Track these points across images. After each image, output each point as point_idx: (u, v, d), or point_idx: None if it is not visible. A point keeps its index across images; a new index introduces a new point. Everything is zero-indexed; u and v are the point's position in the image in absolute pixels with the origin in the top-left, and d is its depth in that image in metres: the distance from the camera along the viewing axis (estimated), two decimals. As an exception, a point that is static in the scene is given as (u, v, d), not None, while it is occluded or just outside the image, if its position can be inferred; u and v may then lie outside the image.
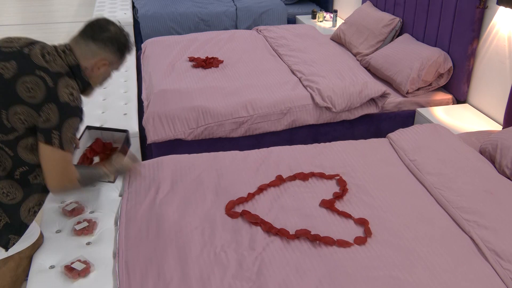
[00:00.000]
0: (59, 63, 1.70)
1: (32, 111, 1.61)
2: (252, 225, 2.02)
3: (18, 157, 1.68)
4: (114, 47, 1.79)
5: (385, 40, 3.86)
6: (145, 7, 5.31)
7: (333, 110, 3.10)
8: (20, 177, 1.72)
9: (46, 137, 1.63)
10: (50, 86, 1.62)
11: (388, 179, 2.34)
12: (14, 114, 1.60)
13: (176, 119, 2.92)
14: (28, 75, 1.61)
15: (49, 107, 1.61)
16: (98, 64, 1.79)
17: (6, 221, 1.73)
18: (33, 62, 1.65)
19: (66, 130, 1.66)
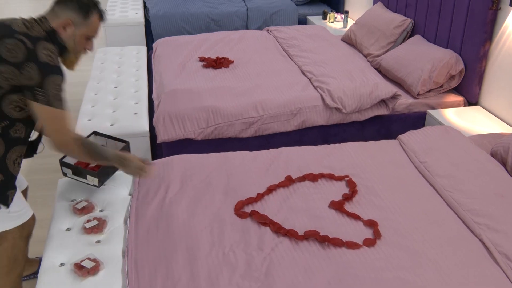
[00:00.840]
0: (37, 29, 1.83)
1: (14, 70, 1.72)
2: (261, 226, 2.02)
3: (1, 112, 1.79)
4: (74, 5, 1.89)
5: (396, 41, 3.84)
6: (156, 7, 5.33)
7: (343, 111, 3.09)
8: (2, 132, 1.83)
9: (32, 94, 1.76)
10: (29, 47, 1.75)
11: (398, 181, 2.33)
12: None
13: (186, 119, 2.93)
14: (8, 38, 1.75)
15: (30, 66, 1.73)
16: (62, 24, 1.88)
17: (2, 179, 1.84)
18: (13, 29, 1.78)
19: (50, 87, 1.77)
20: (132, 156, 2.08)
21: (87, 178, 2.16)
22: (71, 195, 2.24)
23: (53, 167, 3.29)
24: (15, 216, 1.96)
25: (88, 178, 2.16)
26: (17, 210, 1.96)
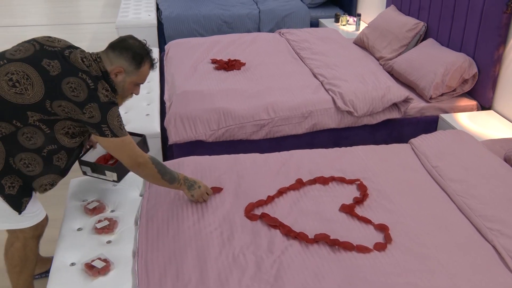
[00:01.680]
0: (95, 68, 1.90)
1: (76, 108, 1.80)
2: (271, 228, 2.01)
3: (53, 136, 1.87)
4: (129, 55, 1.95)
5: (409, 45, 3.82)
6: (169, 9, 5.35)
7: (354, 114, 3.08)
8: (46, 155, 1.89)
9: (99, 131, 1.85)
10: (91, 88, 1.82)
11: (410, 185, 2.31)
12: (58, 106, 1.80)
13: (197, 121, 2.94)
14: (72, 76, 1.81)
15: (91, 106, 1.81)
16: (114, 70, 1.94)
17: (20, 184, 1.88)
18: (75, 65, 1.84)
19: (112, 120, 1.86)
20: (199, 181, 2.15)
21: (106, 174, 2.18)
22: (83, 195, 2.26)
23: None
24: (30, 217, 1.98)
25: (107, 174, 2.18)
26: (33, 211, 1.99)
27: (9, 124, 1.79)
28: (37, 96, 1.78)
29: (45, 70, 1.80)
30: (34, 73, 1.79)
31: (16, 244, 2.06)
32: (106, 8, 8.06)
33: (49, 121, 1.84)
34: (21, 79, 1.77)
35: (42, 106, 1.79)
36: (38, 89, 1.78)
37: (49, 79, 1.79)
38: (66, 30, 6.88)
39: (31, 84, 1.78)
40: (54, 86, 1.79)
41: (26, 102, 1.78)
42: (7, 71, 1.78)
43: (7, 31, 6.81)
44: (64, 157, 1.95)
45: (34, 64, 1.81)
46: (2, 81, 1.77)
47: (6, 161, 1.82)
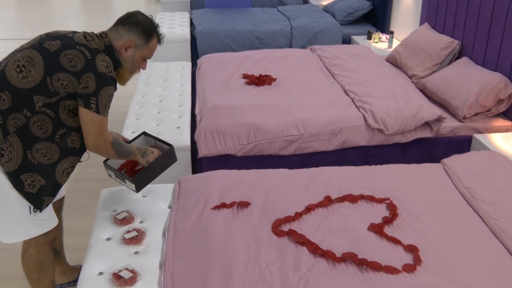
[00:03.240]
0: (97, 42, 1.97)
1: (73, 78, 1.85)
2: (298, 245, 2.00)
3: (58, 119, 1.91)
4: (139, 29, 2.02)
5: (443, 63, 3.77)
6: (203, 24, 5.43)
7: (385, 132, 3.05)
8: (59, 140, 1.94)
9: (85, 102, 1.88)
10: (88, 58, 1.88)
11: (441, 205, 2.26)
12: (57, 80, 1.85)
13: (227, 135, 2.96)
14: (70, 49, 1.88)
15: (88, 75, 1.86)
16: (125, 45, 2.01)
17: (42, 184, 1.91)
18: (74, 40, 1.92)
19: (102, 97, 1.90)
20: (150, 148, 2.23)
21: (126, 183, 2.21)
22: (113, 205, 2.29)
23: (97, 176, 3.37)
24: (41, 224, 2.02)
25: (127, 183, 2.21)
26: (45, 218, 2.03)
27: (20, 114, 1.84)
28: (39, 75, 1.84)
29: (45, 49, 1.87)
30: (36, 54, 1.87)
31: (30, 251, 2.11)
32: (142, 22, 8.22)
33: (52, 104, 1.88)
34: (25, 63, 1.85)
35: (44, 85, 1.84)
36: (39, 67, 1.85)
37: (49, 55, 1.86)
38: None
39: (33, 65, 1.85)
40: (53, 60, 1.86)
41: (32, 84, 1.84)
42: (15, 59, 1.87)
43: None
44: (77, 138, 1.99)
45: (37, 47, 1.89)
46: (11, 70, 1.85)
47: (24, 156, 1.87)
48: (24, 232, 1.99)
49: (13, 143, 1.84)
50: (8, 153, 1.84)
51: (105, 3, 10.01)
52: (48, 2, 10.00)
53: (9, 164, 1.85)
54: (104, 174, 2.16)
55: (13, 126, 1.84)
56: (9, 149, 1.84)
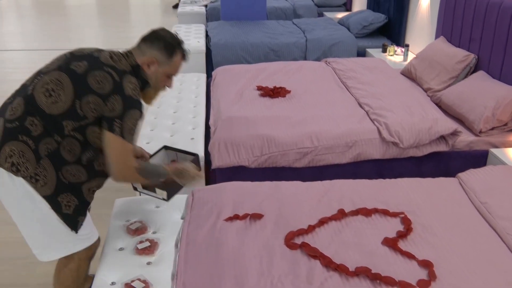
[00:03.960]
0: (124, 63, 1.92)
1: (100, 101, 1.81)
2: (311, 258, 1.98)
3: (86, 142, 1.89)
4: (160, 44, 1.97)
5: (458, 77, 3.75)
6: (218, 36, 5.48)
7: (400, 145, 3.03)
8: (86, 163, 1.92)
9: (110, 125, 1.83)
10: (116, 80, 1.84)
11: (456, 220, 2.24)
12: (86, 104, 1.82)
13: (241, 146, 2.96)
14: (97, 70, 1.84)
15: (115, 98, 1.82)
16: (147, 61, 1.97)
17: (76, 203, 1.91)
18: (102, 61, 1.88)
19: (127, 120, 1.85)
20: (186, 165, 2.13)
21: (156, 192, 2.20)
22: (126, 215, 2.31)
23: (111, 186, 3.37)
24: (84, 239, 2.02)
25: (157, 192, 2.19)
26: (86, 232, 2.03)
27: (51, 139, 1.83)
28: (68, 99, 1.81)
29: (73, 71, 1.85)
30: (64, 76, 1.84)
31: (70, 265, 2.09)
32: (158, 34, 8.33)
33: (81, 128, 1.86)
34: (54, 87, 1.82)
35: (73, 110, 1.82)
36: (68, 91, 1.82)
37: (77, 77, 1.83)
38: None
39: (62, 88, 1.82)
40: (81, 82, 1.82)
41: (61, 110, 1.81)
42: (43, 82, 1.84)
43: (64, 53, 7.14)
44: (104, 161, 1.96)
45: (64, 69, 1.86)
46: (40, 94, 1.82)
47: (57, 178, 1.86)
48: (67, 248, 1.99)
49: (46, 167, 1.83)
50: (43, 177, 1.83)
51: (122, 14, 10.18)
52: (66, 13, 10.19)
53: (45, 188, 1.84)
54: (118, 184, 2.17)
55: (44, 151, 1.83)
56: (43, 173, 1.83)
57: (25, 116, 1.81)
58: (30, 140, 1.80)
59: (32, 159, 1.81)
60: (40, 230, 1.91)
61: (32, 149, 1.81)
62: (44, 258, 1.99)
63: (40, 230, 1.91)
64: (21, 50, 7.42)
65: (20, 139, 1.80)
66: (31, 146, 1.81)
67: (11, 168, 1.80)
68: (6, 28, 8.79)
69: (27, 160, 1.80)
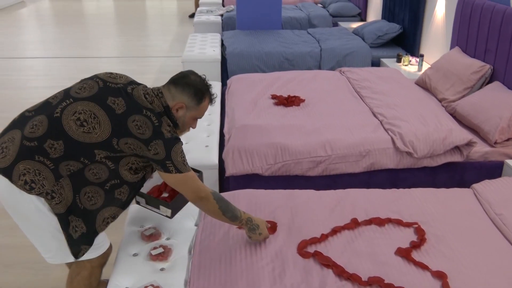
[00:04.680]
0: (157, 104, 1.94)
1: (141, 145, 1.84)
2: (324, 267, 1.98)
3: (117, 171, 1.91)
4: (191, 91, 1.99)
5: (474, 87, 3.73)
6: (233, 45, 5.52)
7: (414, 155, 3.02)
8: (109, 189, 1.93)
9: (164, 168, 1.88)
10: (156, 125, 1.86)
11: (471, 232, 2.22)
12: (124, 144, 1.84)
13: (255, 154, 2.98)
14: (137, 114, 1.85)
15: (156, 143, 1.84)
16: (176, 106, 1.98)
17: (83, 231, 1.90)
18: (139, 103, 1.89)
19: (176, 156, 1.88)
20: (261, 222, 2.12)
21: (160, 209, 2.21)
22: (140, 222, 2.32)
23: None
24: (97, 247, 2.02)
25: (161, 209, 2.20)
26: (99, 241, 2.03)
27: (77, 162, 1.83)
28: (104, 135, 1.82)
29: (111, 109, 1.84)
30: (101, 111, 1.83)
31: (83, 273, 2.09)
32: (174, 43, 8.43)
33: (115, 158, 1.88)
34: (88, 118, 1.81)
35: (109, 144, 1.83)
36: (105, 127, 1.82)
37: (115, 118, 1.83)
38: (135, 62, 7.25)
39: (98, 123, 1.82)
40: (120, 124, 1.82)
41: (94, 140, 1.82)
42: (74, 110, 1.82)
43: (82, 62, 7.27)
44: (126, 191, 1.99)
45: (100, 102, 1.84)
46: (70, 121, 1.81)
47: (73, 200, 1.86)
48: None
49: (64, 185, 1.83)
50: (59, 196, 1.82)
51: (140, 23, 10.31)
52: (85, 22, 10.35)
53: (59, 206, 1.83)
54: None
55: (66, 171, 1.83)
56: (59, 191, 1.82)
57: (46, 138, 1.80)
58: (48, 161, 1.80)
59: (51, 178, 1.80)
60: (52, 239, 1.91)
61: (50, 168, 1.80)
62: (56, 261, 1.99)
63: (51, 239, 1.91)
64: (41, 57, 7.55)
65: (37, 159, 1.79)
66: (49, 166, 1.80)
67: (24, 186, 1.78)
68: (27, 37, 8.95)
69: (44, 178, 1.80)
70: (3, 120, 2.01)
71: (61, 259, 1.98)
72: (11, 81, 6.40)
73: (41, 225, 1.87)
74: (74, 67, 6.98)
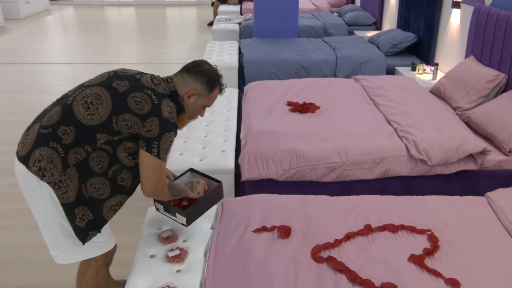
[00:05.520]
0: (163, 87, 2.01)
1: (138, 120, 1.89)
2: (337, 272, 2.00)
3: (115, 155, 1.95)
4: (204, 79, 2.06)
5: (488, 96, 3.73)
6: (251, 53, 5.57)
7: (428, 163, 3.03)
8: (111, 176, 1.97)
9: (147, 146, 1.90)
10: (155, 102, 1.91)
11: (484, 240, 2.22)
12: (122, 121, 1.89)
13: (270, 160, 3.01)
14: (138, 91, 1.92)
15: (152, 119, 1.89)
16: (188, 92, 2.05)
17: (89, 218, 1.95)
18: (142, 83, 1.96)
19: (164, 142, 1.92)
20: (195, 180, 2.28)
21: (176, 216, 2.26)
22: (158, 224, 2.37)
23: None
24: (101, 245, 2.08)
25: (177, 216, 2.25)
26: (104, 240, 2.09)
27: (82, 149, 1.89)
28: (105, 113, 1.88)
29: (114, 89, 1.92)
30: (105, 92, 1.91)
31: (89, 272, 2.15)
32: (192, 50, 8.53)
33: (113, 142, 1.92)
34: (93, 100, 1.89)
35: (109, 123, 1.89)
36: (107, 106, 1.89)
37: (117, 95, 1.91)
38: (155, 68, 7.38)
39: (101, 103, 1.89)
40: (120, 101, 1.90)
41: (97, 122, 1.88)
42: (83, 95, 1.92)
43: (104, 67, 7.39)
44: (128, 177, 2.02)
45: (105, 85, 1.94)
46: (79, 105, 1.89)
47: (79, 189, 1.91)
48: (82, 253, 2.05)
49: (71, 176, 1.88)
50: (66, 186, 1.88)
51: (160, 31, 10.44)
52: (106, 30, 10.52)
53: (65, 196, 1.89)
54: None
55: (73, 160, 1.88)
56: (66, 182, 1.88)
57: (59, 125, 1.88)
58: (60, 147, 1.86)
59: (59, 167, 1.86)
60: (61, 233, 1.96)
61: (61, 156, 1.86)
62: (61, 261, 2.05)
63: (60, 233, 1.97)
64: (64, 63, 7.71)
65: (51, 145, 1.86)
66: (61, 153, 1.86)
67: (38, 172, 1.86)
68: (51, 43, 9.15)
69: (54, 167, 1.86)
70: (26, 123, 2.08)
71: (66, 258, 2.03)
72: (35, 85, 6.57)
73: (52, 215, 1.93)
74: (96, 72, 7.02)
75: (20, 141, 1.95)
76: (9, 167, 3.94)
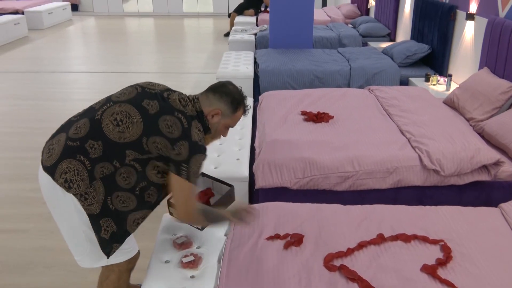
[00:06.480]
0: (191, 108, 2.02)
1: (168, 144, 1.90)
2: (349, 281, 2.01)
3: (144, 173, 1.97)
4: (228, 99, 2.08)
5: (502, 107, 3.72)
6: (266, 63, 5.62)
7: (441, 173, 3.03)
8: (139, 193, 1.99)
9: (177, 169, 1.91)
10: (185, 126, 1.93)
11: (497, 251, 2.22)
12: (153, 142, 1.90)
13: (284, 168, 3.04)
14: (168, 114, 1.93)
15: (182, 143, 1.90)
16: (212, 112, 2.07)
17: (113, 230, 1.97)
18: (172, 105, 1.97)
19: (193, 164, 1.92)
20: (239, 206, 2.20)
21: None
22: (173, 230, 2.39)
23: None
24: (125, 252, 2.11)
25: None
26: (128, 247, 2.11)
27: (110, 164, 1.91)
28: (136, 134, 1.89)
29: (145, 109, 1.93)
30: (135, 112, 1.91)
31: (111, 277, 2.18)
32: (209, 60, 8.62)
33: (143, 160, 1.94)
34: (123, 118, 1.90)
35: (139, 143, 1.90)
36: (138, 126, 1.90)
37: (148, 117, 1.90)
38: (172, 78, 7.47)
39: (132, 122, 1.90)
40: (152, 123, 1.89)
41: (127, 140, 1.89)
42: (112, 111, 1.92)
43: (123, 76, 7.55)
44: (154, 193, 2.04)
45: (135, 104, 1.93)
46: (108, 122, 1.90)
47: (104, 201, 1.93)
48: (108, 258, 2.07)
49: (97, 188, 1.91)
50: (92, 198, 1.90)
51: (177, 41, 10.58)
52: (126, 39, 10.69)
53: (90, 208, 1.91)
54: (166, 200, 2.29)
55: (99, 173, 1.89)
56: (92, 194, 1.90)
57: (87, 139, 1.90)
58: (87, 160, 1.88)
59: (86, 179, 1.89)
60: (85, 240, 1.99)
61: (87, 169, 1.89)
62: (85, 265, 2.07)
63: (84, 240, 1.99)
64: (85, 72, 7.85)
65: (78, 158, 1.88)
66: (87, 166, 1.89)
67: (64, 184, 1.88)
68: (72, 52, 9.32)
69: (81, 179, 1.88)
70: (49, 130, 2.13)
71: (91, 263, 2.06)
72: (56, 93, 6.69)
73: (76, 224, 1.96)
74: (115, 81, 7.24)
75: (45, 150, 1.98)
76: (32, 171, 3.99)
